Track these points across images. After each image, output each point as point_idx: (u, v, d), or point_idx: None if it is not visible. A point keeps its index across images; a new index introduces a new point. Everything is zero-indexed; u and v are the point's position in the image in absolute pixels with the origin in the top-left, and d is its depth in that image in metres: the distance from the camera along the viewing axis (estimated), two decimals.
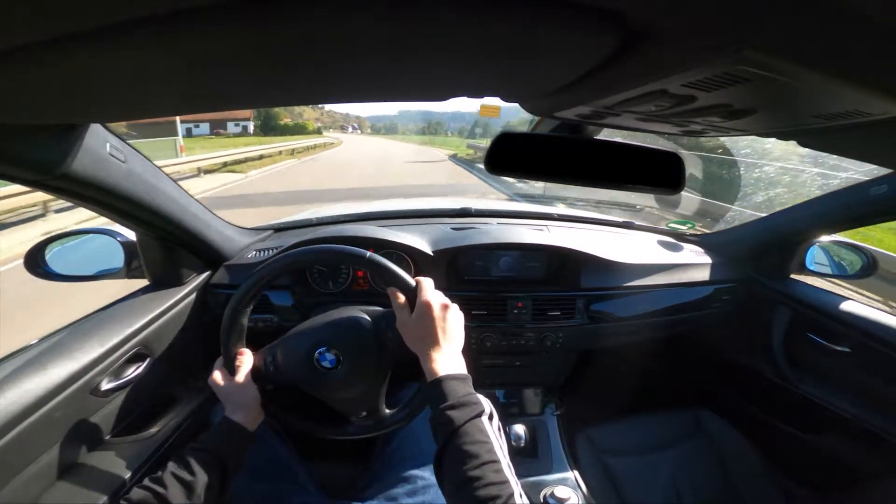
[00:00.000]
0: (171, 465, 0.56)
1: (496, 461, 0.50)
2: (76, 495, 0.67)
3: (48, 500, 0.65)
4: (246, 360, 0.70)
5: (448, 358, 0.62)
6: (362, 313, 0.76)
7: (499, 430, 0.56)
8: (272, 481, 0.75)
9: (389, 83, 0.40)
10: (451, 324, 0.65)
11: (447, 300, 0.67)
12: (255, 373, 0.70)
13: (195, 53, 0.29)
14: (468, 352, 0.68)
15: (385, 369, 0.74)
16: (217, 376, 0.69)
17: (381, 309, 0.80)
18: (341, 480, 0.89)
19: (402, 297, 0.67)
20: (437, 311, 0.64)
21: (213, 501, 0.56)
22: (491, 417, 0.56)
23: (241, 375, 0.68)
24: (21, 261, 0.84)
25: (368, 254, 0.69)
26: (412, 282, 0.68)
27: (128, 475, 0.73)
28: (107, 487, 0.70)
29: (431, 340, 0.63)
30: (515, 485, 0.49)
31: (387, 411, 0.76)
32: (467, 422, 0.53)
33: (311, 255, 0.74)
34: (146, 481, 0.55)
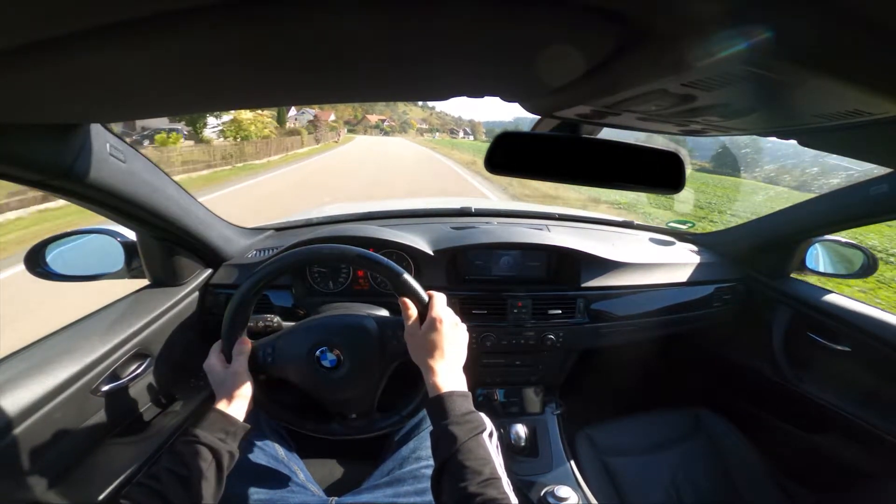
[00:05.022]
0: (166, 461, 0.56)
1: (498, 478, 0.51)
2: (76, 495, 0.67)
3: (48, 500, 0.65)
4: (244, 349, 0.70)
5: (451, 374, 0.63)
6: (369, 318, 0.76)
7: (497, 448, 0.57)
8: (272, 481, 0.75)
9: (389, 83, 0.40)
10: (458, 341, 0.67)
11: (457, 318, 0.69)
12: (250, 362, 0.70)
13: (195, 53, 0.29)
14: (468, 351, 0.69)
15: (383, 375, 0.75)
16: (214, 361, 0.69)
17: (388, 315, 0.80)
18: (342, 479, 0.89)
19: (413, 309, 0.68)
20: (446, 328, 0.65)
21: (211, 494, 0.56)
22: (491, 435, 0.57)
23: (238, 363, 0.68)
24: None
25: (386, 261, 0.71)
26: (426, 296, 0.69)
27: (128, 475, 0.73)
28: (107, 487, 0.70)
29: (437, 355, 0.63)
30: (515, 502, 0.50)
31: (377, 416, 0.76)
32: (470, 439, 0.54)
33: (334, 253, 0.74)
34: (143, 478, 0.54)
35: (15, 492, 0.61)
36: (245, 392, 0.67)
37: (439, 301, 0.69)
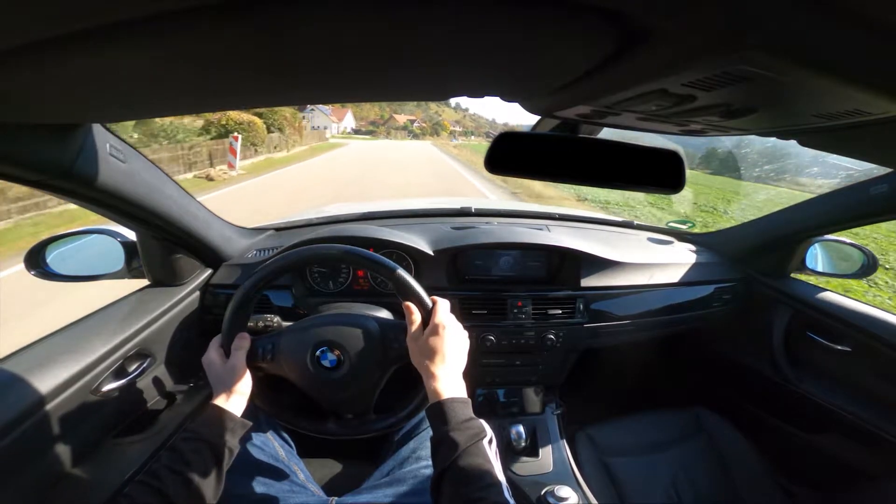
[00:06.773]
0: (165, 458, 0.56)
1: (498, 484, 0.52)
2: (77, 495, 0.67)
3: (49, 501, 0.65)
4: (243, 344, 0.70)
5: (452, 380, 0.63)
6: (371, 320, 0.76)
7: (496, 454, 0.58)
8: (272, 481, 0.75)
9: (389, 83, 0.40)
10: (460, 348, 0.68)
11: (460, 325, 0.70)
12: (249, 356, 0.70)
13: (195, 53, 0.29)
14: (468, 351, 0.69)
15: (382, 377, 0.75)
16: (213, 355, 0.69)
17: (391, 318, 0.81)
18: (342, 479, 0.89)
19: (417, 314, 0.69)
20: (448, 334, 0.66)
21: (211, 491, 0.56)
22: (491, 442, 0.57)
23: (236, 358, 0.68)
24: None
25: (391, 264, 0.71)
26: (429, 301, 0.70)
27: (128, 475, 0.73)
28: (107, 487, 0.70)
29: (438, 360, 0.64)
30: None
31: (373, 416, 0.76)
32: (470, 445, 0.54)
33: (339, 254, 0.75)
34: (143, 477, 0.54)
35: (16, 492, 0.61)
36: (243, 388, 0.67)
37: (443, 307, 0.70)
